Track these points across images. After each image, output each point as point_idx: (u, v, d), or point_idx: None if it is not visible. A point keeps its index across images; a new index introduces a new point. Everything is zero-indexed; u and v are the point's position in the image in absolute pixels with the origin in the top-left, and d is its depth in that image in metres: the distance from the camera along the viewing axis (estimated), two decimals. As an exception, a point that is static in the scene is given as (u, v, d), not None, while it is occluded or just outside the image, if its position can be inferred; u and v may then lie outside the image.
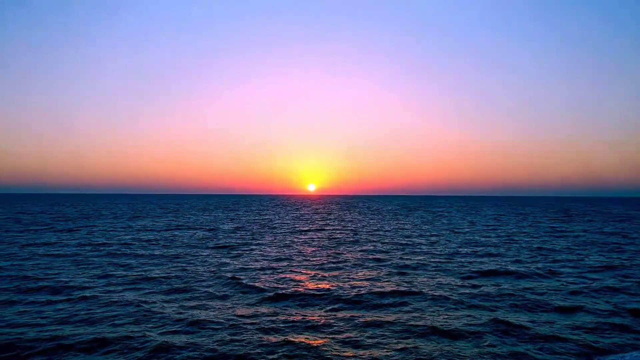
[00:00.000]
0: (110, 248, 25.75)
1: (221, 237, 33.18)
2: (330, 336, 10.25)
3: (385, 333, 10.41)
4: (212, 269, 18.97)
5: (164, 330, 10.63)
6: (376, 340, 9.97)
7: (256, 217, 61.33)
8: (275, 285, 15.79)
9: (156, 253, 23.82)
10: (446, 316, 11.95)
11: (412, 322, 11.23)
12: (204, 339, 10.00)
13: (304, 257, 22.68)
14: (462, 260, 21.86)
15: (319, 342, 9.81)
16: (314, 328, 10.85)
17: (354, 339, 10.03)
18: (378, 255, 23.21)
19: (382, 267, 19.61)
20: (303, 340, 9.93)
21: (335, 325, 11.02)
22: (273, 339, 9.99)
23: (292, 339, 9.95)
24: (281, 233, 37.00)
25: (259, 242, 30.00)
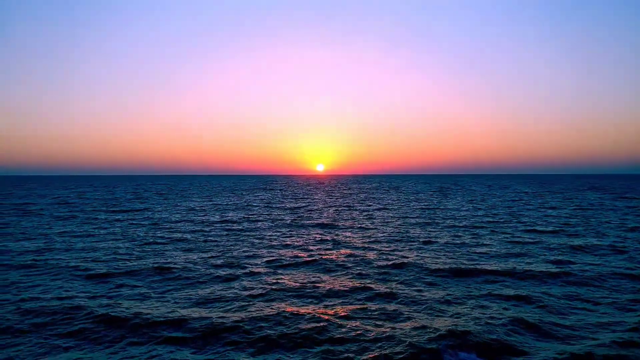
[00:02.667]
0: (217, 227, 27.25)
1: (305, 215, 34.52)
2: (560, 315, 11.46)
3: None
4: (358, 250, 20.25)
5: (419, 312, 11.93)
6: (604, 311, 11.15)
7: (306, 197, 62.70)
8: (452, 262, 17.00)
9: (294, 233, 25.21)
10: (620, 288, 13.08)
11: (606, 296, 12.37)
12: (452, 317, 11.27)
13: (419, 235, 23.74)
14: (559, 239, 22.89)
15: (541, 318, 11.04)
16: (526, 300, 12.06)
17: (569, 309, 11.22)
18: (480, 232, 24.33)
19: (503, 245, 20.69)
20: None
21: (539, 299, 12.24)
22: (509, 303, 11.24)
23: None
24: (357, 211, 38.23)
25: (351, 220, 31.22)
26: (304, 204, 47.77)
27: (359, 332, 9.47)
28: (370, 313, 10.74)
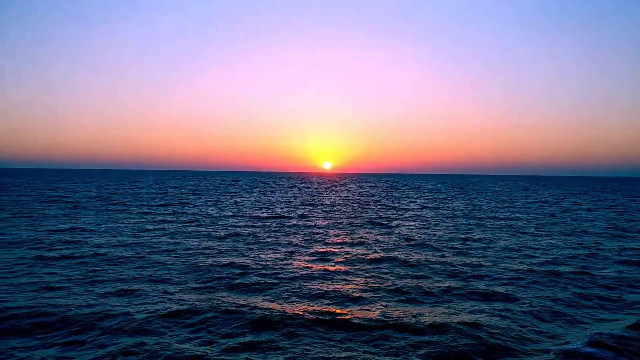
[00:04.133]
0: (275, 222, 28.04)
1: (349, 212, 35.23)
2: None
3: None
4: (429, 249, 20.91)
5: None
6: None
7: (333, 194, 63.41)
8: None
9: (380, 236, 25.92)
10: None
11: None
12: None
13: (480, 236, 24.26)
14: (617, 241, 23.36)
15: None
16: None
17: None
18: (534, 232, 24.85)
19: (567, 245, 21.22)
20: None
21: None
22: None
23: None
24: (397, 210, 38.82)
25: (401, 219, 31.81)
26: (338, 202, 48.48)
27: (477, 328, 10.02)
28: (483, 311, 11.36)
